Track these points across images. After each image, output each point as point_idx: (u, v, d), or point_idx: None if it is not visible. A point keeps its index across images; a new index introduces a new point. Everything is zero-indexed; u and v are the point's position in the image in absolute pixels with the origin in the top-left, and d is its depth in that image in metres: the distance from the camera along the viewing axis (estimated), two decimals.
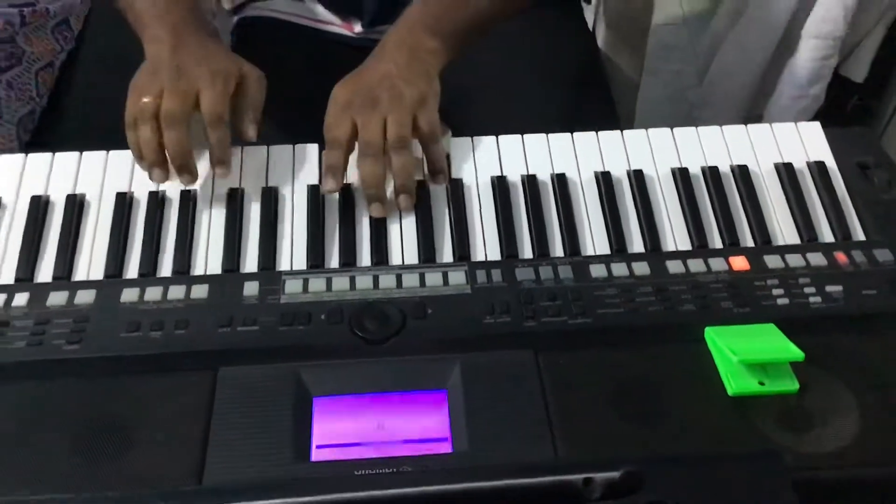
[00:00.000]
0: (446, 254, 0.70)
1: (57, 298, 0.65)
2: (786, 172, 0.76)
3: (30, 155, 0.75)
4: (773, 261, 0.68)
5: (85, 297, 0.65)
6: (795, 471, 0.55)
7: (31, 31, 1.12)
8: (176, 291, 0.65)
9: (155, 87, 0.72)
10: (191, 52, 0.74)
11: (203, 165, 0.74)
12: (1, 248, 0.69)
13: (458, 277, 0.67)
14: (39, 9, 1.13)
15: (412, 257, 0.70)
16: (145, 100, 0.71)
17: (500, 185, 0.74)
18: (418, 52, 0.78)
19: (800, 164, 0.77)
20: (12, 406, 0.59)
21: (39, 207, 0.71)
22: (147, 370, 0.61)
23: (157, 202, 0.72)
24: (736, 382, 0.60)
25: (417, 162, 0.75)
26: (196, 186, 0.73)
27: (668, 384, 0.61)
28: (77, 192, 0.73)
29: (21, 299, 0.65)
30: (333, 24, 1.06)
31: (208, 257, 0.69)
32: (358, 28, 1.04)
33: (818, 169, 0.76)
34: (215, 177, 0.73)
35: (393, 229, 0.72)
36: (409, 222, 0.72)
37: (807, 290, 0.66)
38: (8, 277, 0.67)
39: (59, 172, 0.74)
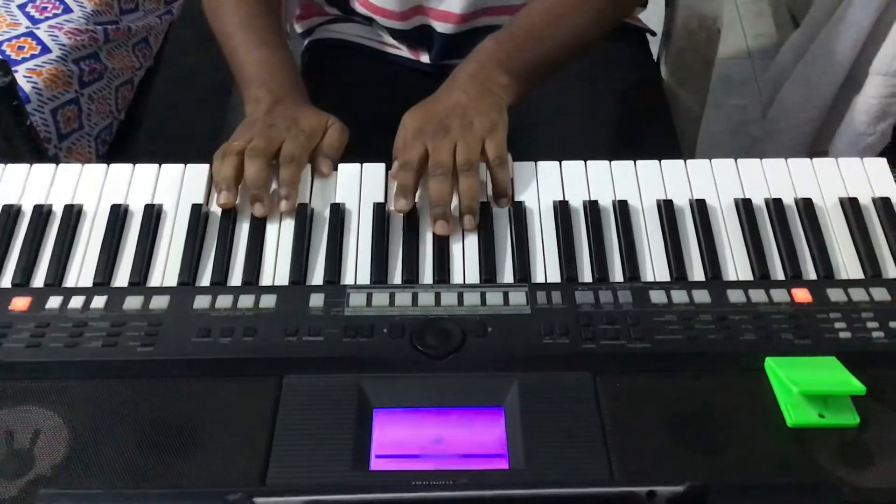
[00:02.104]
0: (507, 274, 0.71)
1: (133, 303, 0.67)
2: (850, 207, 0.75)
3: (111, 165, 0.79)
4: (835, 294, 0.68)
5: (159, 302, 0.67)
6: None
7: (113, 48, 1.17)
8: (245, 300, 0.67)
9: (246, 135, 0.78)
10: (284, 112, 0.81)
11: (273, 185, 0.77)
12: (81, 253, 0.72)
13: (518, 298, 0.68)
14: (122, 27, 1.18)
15: (473, 277, 0.71)
16: (235, 143, 0.77)
17: (562, 210, 0.75)
18: (489, 87, 0.80)
19: (865, 199, 0.76)
20: (87, 403, 0.61)
21: (119, 215, 0.74)
22: (216, 374, 0.63)
23: (229, 215, 0.75)
24: (795, 413, 0.60)
25: (483, 185, 0.77)
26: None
27: (726, 412, 0.61)
28: (155, 202, 0.76)
29: (99, 302, 0.67)
30: (402, 50, 1.08)
31: (277, 269, 0.71)
32: (425, 59, 1.07)
33: (883, 205, 0.76)
34: (282, 213, 0.75)
35: (455, 249, 0.73)
36: (472, 242, 0.73)
37: (870, 324, 0.66)
38: (87, 281, 0.70)
39: (138, 183, 0.77)
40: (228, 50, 0.89)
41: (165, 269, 0.71)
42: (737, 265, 0.72)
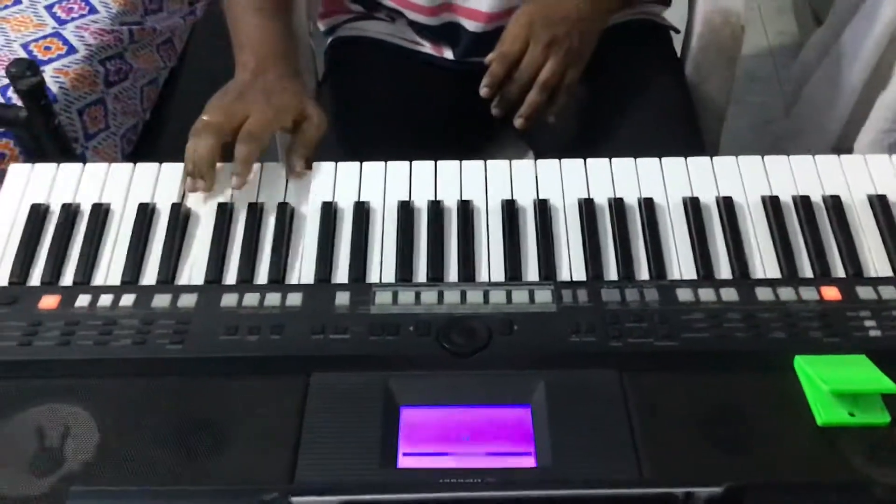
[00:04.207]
0: (532, 272, 0.71)
1: (161, 301, 0.68)
2: (879, 204, 0.75)
3: (138, 165, 0.79)
4: (865, 292, 0.68)
5: (187, 300, 0.68)
6: None
7: (138, 48, 1.18)
8: (272, 298, 0.68)
9: (213, 111, 0.78)
10: (265, 83, 0.80)
11: (298, 183, 0.77)
12: (109, 252, 0.73)
13: (544, 296, 0.68)
14: (147, 27, 1.19)
15: (499, 274, 0.71)
16: (204, 117, 0.77)
17: (587, 208, 0.75)
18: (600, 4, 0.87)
19: (894, 196, 0.75)
20: (117, 400, 0.62)
21: (146, 215, 0.75)
22: (244, 372, 0.63)
23: (255, 213, 0.75)
24: (826, 412, 0.59)
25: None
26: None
27: (754, 410, 0.60)
28: (181, 201, 0.76)
29: (127, 300, 0.68)
30: (424, 46, 1.08)
31: (302, 267, 0.72)
32: (449, 55, 1.07)
33: None
34: (232, 189, 0.76)
35: (480, 246, 0.73)
36: (497, 240, 0.73)
37: None
38: (115, 279, 0.71)
39: (165, 182, 0.78)
40: (231, 22, 0.88)
41: (193, 268, 0.72)
42: (764, 263, 0.71)
